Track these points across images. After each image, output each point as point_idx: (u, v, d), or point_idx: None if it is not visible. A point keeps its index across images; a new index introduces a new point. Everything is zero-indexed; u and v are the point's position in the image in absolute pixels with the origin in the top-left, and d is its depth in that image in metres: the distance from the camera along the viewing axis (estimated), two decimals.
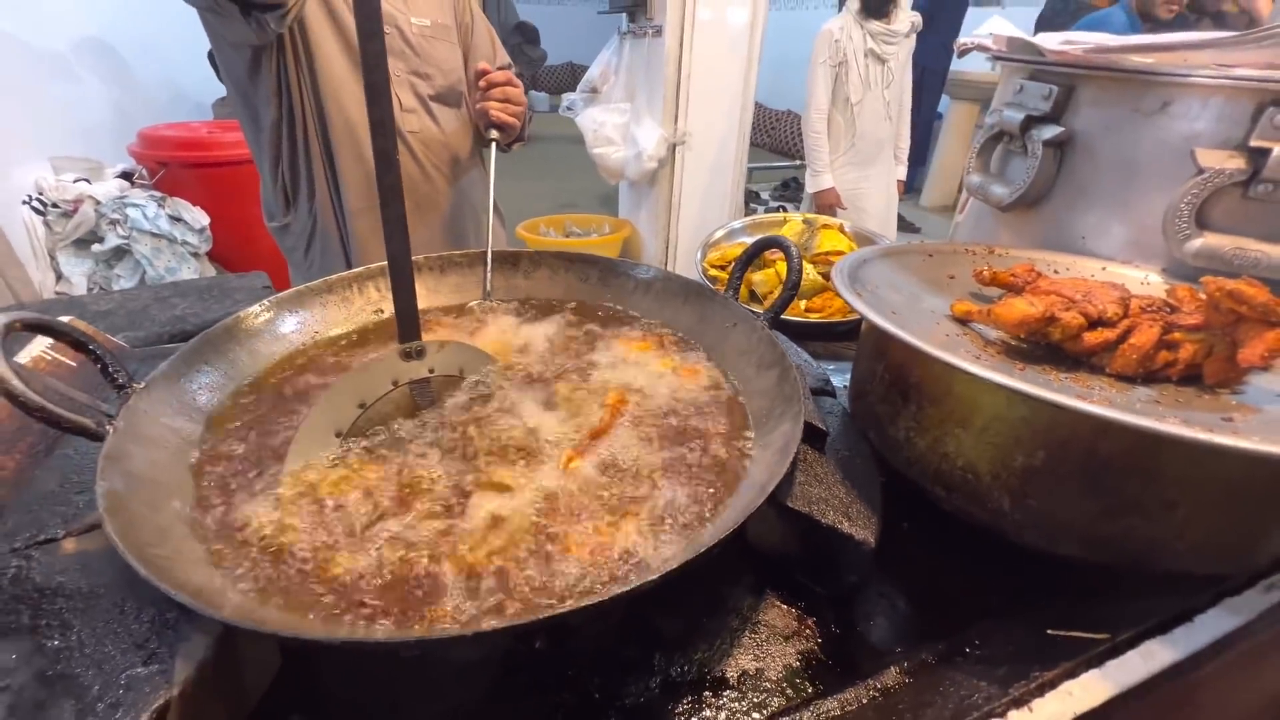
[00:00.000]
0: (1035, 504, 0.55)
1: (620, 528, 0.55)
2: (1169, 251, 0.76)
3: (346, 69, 1.29)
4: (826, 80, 2.84)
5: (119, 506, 0.49)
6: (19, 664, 0.42)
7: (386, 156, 0.60)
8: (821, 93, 2.86)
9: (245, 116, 1.34)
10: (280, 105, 1.29)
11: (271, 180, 1.39)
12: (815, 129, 2.92)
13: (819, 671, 0.53)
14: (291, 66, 1.25)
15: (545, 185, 5.78)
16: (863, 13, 2.78)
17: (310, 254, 1.46)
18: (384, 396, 0.68)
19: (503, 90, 1.31)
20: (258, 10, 1.10)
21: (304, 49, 1.25)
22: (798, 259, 0.77)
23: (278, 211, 1.43)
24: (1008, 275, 0.75)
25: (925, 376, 0.61)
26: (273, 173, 1.38)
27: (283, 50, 1.24)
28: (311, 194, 1.39)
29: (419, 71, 1.39)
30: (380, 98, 0.58)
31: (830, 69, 2.82)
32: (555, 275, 0.99)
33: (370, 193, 1.40)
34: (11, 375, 0.50)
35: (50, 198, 2.49)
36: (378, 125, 0.59)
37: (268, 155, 1.35)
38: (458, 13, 1.48)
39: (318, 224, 1.42)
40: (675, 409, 0.72)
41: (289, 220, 1.43)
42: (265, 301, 0.81)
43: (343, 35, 1.27)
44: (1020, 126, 0.89)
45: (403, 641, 0.41)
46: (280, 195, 1.40)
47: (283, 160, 1.35)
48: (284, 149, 1.34)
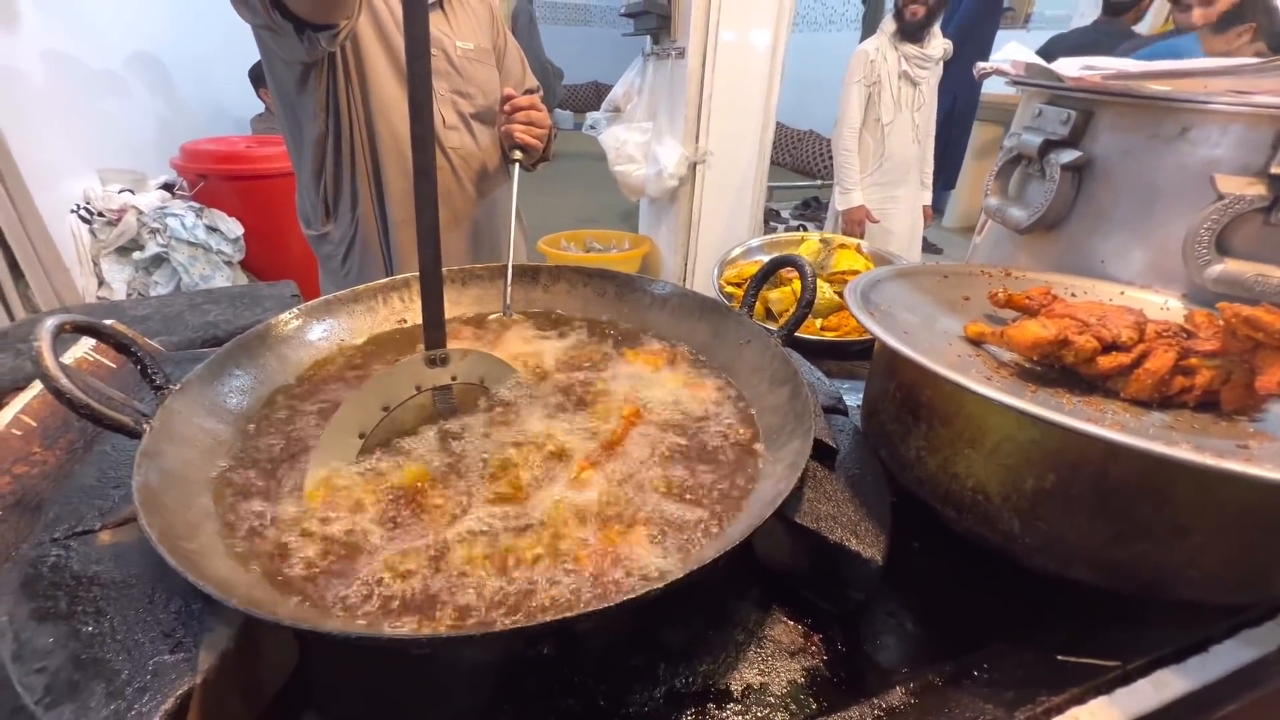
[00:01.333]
0: (1046, 527, 0.54)
1: (629, 538, 0.56)
2: (1189, 277, 0.76)
3: (397, 89, 1.36)
4: (860, 99, 2.89)
5: (152, 501, 0.52)
6: (55, 647, 0.44)
7: (425, 171, 0.63)
8: (854, 111, 2.90)
9: (289, 128, 1.41)
10: (328, 119, 1.35)
11: (313, 190, 1.45)
12: (847, 146, 2.95)
13: (824, 689, 0.53)
14: (342, 83, 1.32)
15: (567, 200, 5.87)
16: (899, 35, 2.83)
17: (348, 262, 1.52)
18: (407, 401, 0.70)
19: (527, 114, 1.36)
20: (311, 29, 1.16)
21: (356, 68, 1.32)
22: (812, 278, 0.78)
23: (316, 220, 1.49)
24: (1022, 298, 0.75)
25: (936, 396, 0.61)
26: (314, 183, 1.43)
27: (334, 68, 1.30)
28: (354, 204, 1.45)
29: (461, 91, 1.47)
30: (423, 114, 0.62)
31: (864, 88, 2.87)
32: (573, 289, 1.01)
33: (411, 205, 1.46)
34: (60, 374, 0.53)
35: (96, 207, 2.61)
36: (419, 140, 0.62)
37: (310, 166, 1.41)
38: (494, 38, 1.56)
39: (358, 234, 1.48)
40: (687, 423, 0.73)
41: (328, 229, 1.49)
42: (295, 310, 0.84)
43: (394, 56, 1.35)
44: (1038, 150, 0.90)
45: (413, 639, 0.42)
46: (320, 204, 1.46)
47: (326, 172, 1.41)
48: (328, 161, 1.40)
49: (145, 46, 3.43)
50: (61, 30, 2.79)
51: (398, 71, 1.35)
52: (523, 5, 6.10)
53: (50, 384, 0.53)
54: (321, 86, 1.31)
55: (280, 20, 1.14)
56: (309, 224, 1.52)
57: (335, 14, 1.16)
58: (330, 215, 1.48)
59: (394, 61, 1.35)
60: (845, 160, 2.96)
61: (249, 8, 1.14)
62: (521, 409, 0.74)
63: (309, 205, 1.49)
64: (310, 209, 1.49)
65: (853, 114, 2.91)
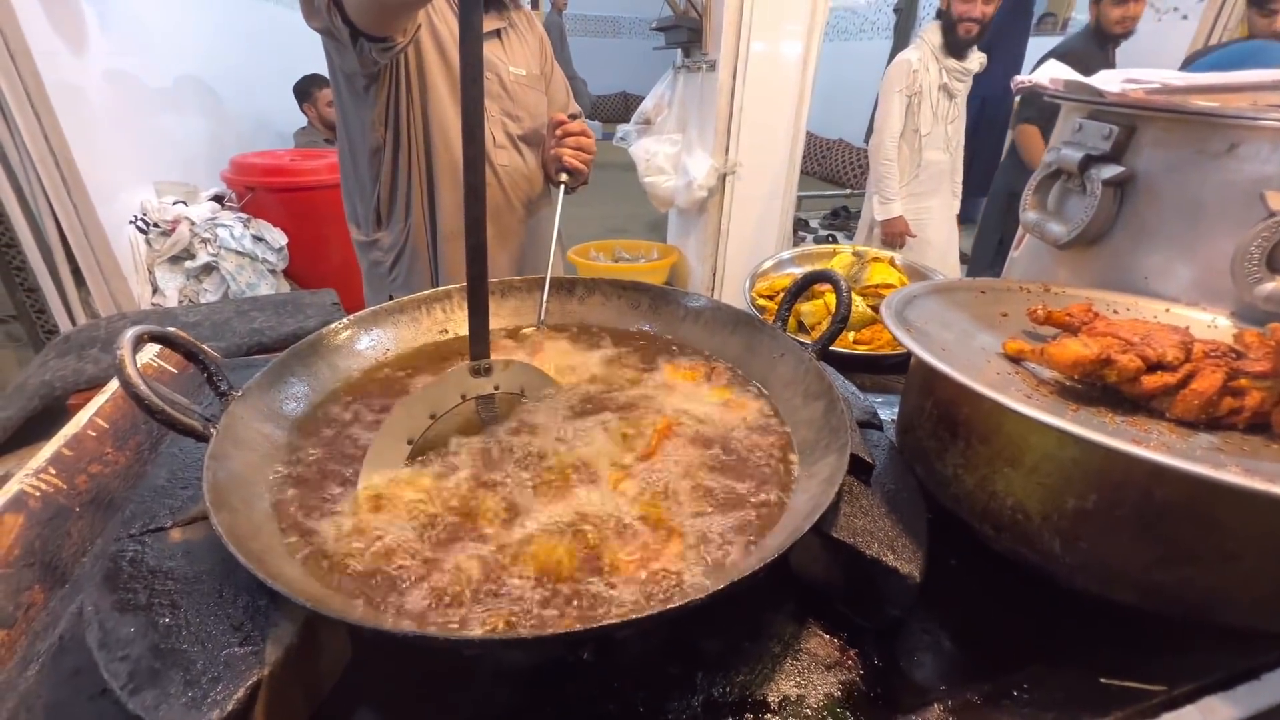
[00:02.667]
0: (1087, 547, 0.54)
1: (667, 548, 0.58)
2: (1238, 295, 0.74)
3: (453, 108, 1.43)
4: (900, 108, 2.87)
5: (221, 501, 0.55)
6: (136, 636, 0.47)
7: (475, 191, 0.66)
8: (895, 120, 2.88)
9: (348, 135, 1.48)
10: (386, 132, 1.42)
11: (369, 196, 1.52)
12: (887, 156, 2.93)
13: (860, 703, 0.54)
14: (404, 99, 1.39)
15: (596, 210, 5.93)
16: (945, 49, 2.82)
17: (396, 269, 1.58)
18: (453, 409, 0.73)
19: (577, 140, 1.42)
20: (365, 39, 1.22)
21: (418, 85, 1.39)
22: (847, 293, 0.79)
23: (368, 225, 1.56)
24: (1063, 315, 0.74)
25: (974, 413, 0.61)
26: (370, 191, 1.50)
27: (396, 83, 1.37)
28: (407, 214, 1.51)
29: (511, 114, 1.54)
30: (475, 137, 0.64)
31: (904, 98, 2.85)
32: (608, 301, 1.03)
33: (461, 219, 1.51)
34: (140, 381, 0.57)
35: (152, 218, 2.74)
36: (470, 162, 0.65)
37: (367, 174, 1.48)
38: (542, 64, 1.63)
39: (409, 242, 1.54)
40: (721, 436, 0.74)
41: (379, 235, 1.56)
42: (345, 320, 0.88)
43: (452, 76, 1.42)
44: (1079, 165, 0.89)
45: (465, 640, 0.45)
46: (373, 212, 1.53)
47: (381, 181, 1.48)
48: (384, 172, 1.47)
49: (197, 65, 3.60)
50: (123, 51, 2.95)
51: (455, 91, 1.42)
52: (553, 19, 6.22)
53: (131, 390, 0.57)
54: (382, 100, 1.38)
55: (339, 25, 1.20)
56: (359, 228, 1.59)
57: (389, 28, 1.22)
58: (382, 223, 1.54)
59: (452, 82, 1.42)
60: (887, 170, 2.94)
61: (313, 9, 1.21)
62: (559, 419, 0.76)
63: (360, 211, 1.56)
64: (362, 215, 1.56)
65: (894, 123, 2.89)
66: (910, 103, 2.86)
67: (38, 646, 0.58)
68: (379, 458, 0.67)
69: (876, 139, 2.98)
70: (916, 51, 2.86)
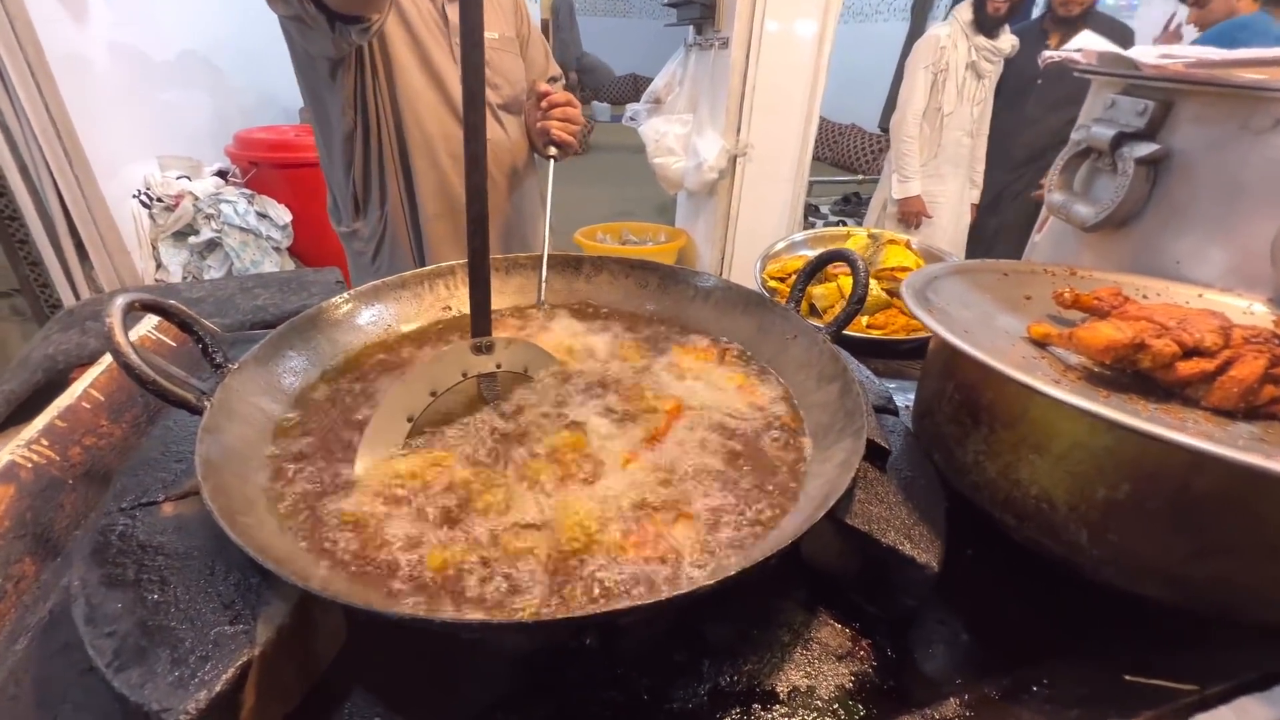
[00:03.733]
0: (1116, 539, 0.52)
1: (674, 531, 0.56)
2: (1278, 280, 0.71)
3: (423, 83, 1.36)
4: (926, 85, 2.80)
5: (213, 476, 0.53)
6: (124, 613, 0.46)
7: (476, 159, 0.63)
8: (919, 97, 2.82)
9: (319, 124, 1.42)
10: (356, 115, 1.35)
11: (343, 186, 1.46)
12: (908, 133, 2.86)
13: (873, 695, 0.52)
14: (369, 79, 1.32)
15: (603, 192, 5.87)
16: (974, 26, 2.74)
17: (379, 259, 1.53)
18: (453, 387, 0.70)
19: (563, 110, 1.35)
20: (342, 23, 1.17)
21: (383, 63, 1.32)
22: (865, 273, 0.76)
23: (347, 216, 1.50)
24: (1091, 299, 0.71)
25: (998, 398, 0.58)
26: (345, 179, 1.44)
27: (361, 64, 1.30)
28: (383, 200, 1.45)
29: (490, 82, 1.46)
30: (476, 103, 0.62)
31: (930, 74, 2.78)
32: (616, 280, 1.00)
33: (444, 198, 1.46)
34: (130, 350, 0.55)
35: (156, 193, 2.72)
36: (472, 129, 0.62)
37: (340, 162, 1.42)
38: (518, 26, 1.55)
39: (388, 229, 1.48)
40: (732, 418, 0.72)
41: (358, 225, 1.50)
42: (346, 294, 0.85)
43: (419, 49, 1.34)
44: (1110, 143, 0.85)
45: (463, 623, 0.43)
46: (350, 201, 1.47)
47: (355, 167, 1.42)
48: (357, 157, 1.41)
49: (202, 38, 3.55)
50: (126, 22, 2.91)
51: (422, 65, 1.35)
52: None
53: (121, 359, 0.55)
54: (349, 82, 1.31)
55: (313, 12, 1.13)
56: (339, 220, 1.53)
57: (368, 7, 1.16)
58: (360, 211, 1.48)
59: (419, 55, 1.35)
60: (907, 148, 2.87)
61: None
62: (564, 399, 0.74)
63: (339, 201, 1.50)
64: (340, 205, 1.50)
65: (917, 100, 2.82)
66: (936, 80, 2.78)
67: (28, 620, 0.57)
68: (378, 435, 0.65)
69: (899, 115, 2.90)
70: (947, 27, 2.78)
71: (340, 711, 0.49)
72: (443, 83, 1.37)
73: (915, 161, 2.89)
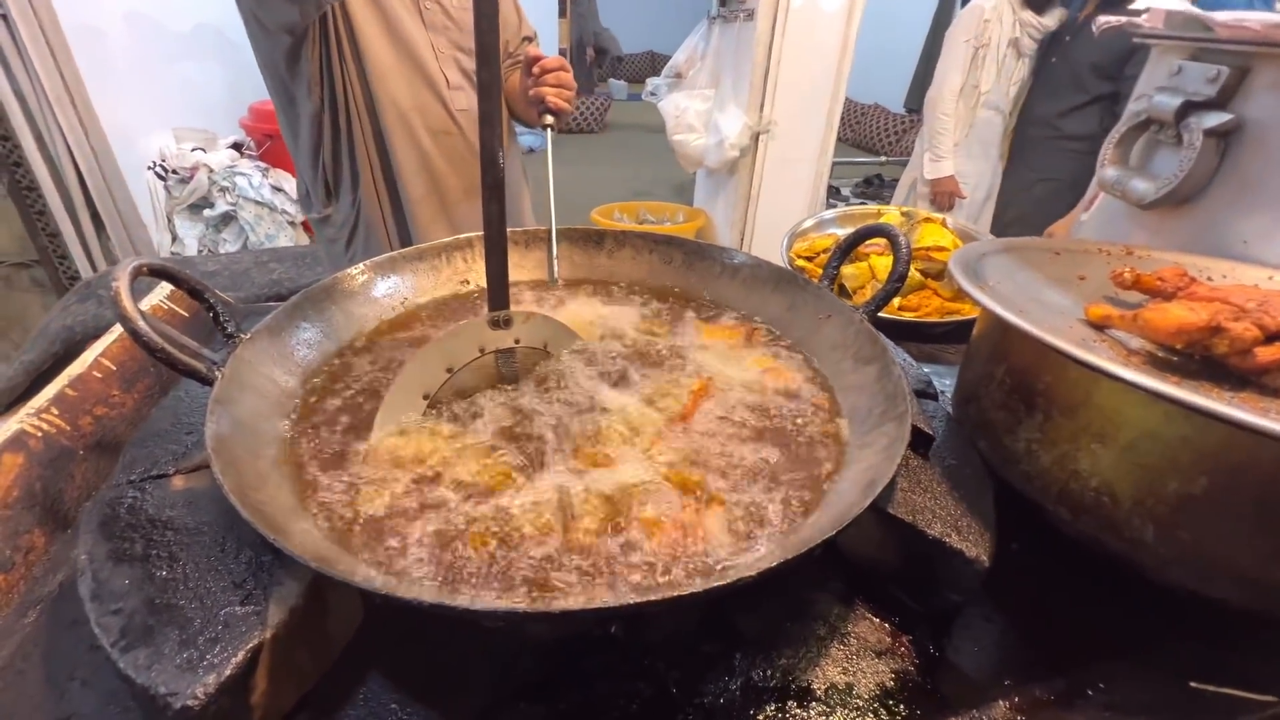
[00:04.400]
0: (1187, 537, 0.48)
1: (706, 517, 0.53)
2: None
3: (392, 55, 1.27)
4: (965, 60, 2.63)
5: (223, 448, 0.51)
6: (131, 589, 0.44)
7: (490, 120, 0.59)
8: (957, 72, 2.65)
9: (283, 106, 1.33)
10: (323, 94, 1.27)
11: (311, 171, 1.38)
12: (944, 110, 2.70)
13: (915, 695, 0.49)
14: (335, 55, 1.24)
15: (620, 172, 5.78)
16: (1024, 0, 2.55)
17: (352, 247, 1.44)
18: (470, 363, 0.67)
19: (557, 76, 1.27)
20: None
21: (348, 37, 1.23)
22: (906, 249, 0.71)
23: (318, 202, 1.42)
24: (1153, 279, 0.66)
25: (1057, 382, 0.54)
26: (312, 163, 1.37)
27: (326, 38, 1.22)
28: (355, 185, 1.37)
29: (463, 46, 1.36)
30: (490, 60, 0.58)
31: (971, 49, 2.60)
32: (639, 256, 0.97)
33: (428, 178, 1.38)
34: (137, 316, 0.53)
35: (171, 165, 2.70)
36: (485, 88, 0.58)
37: (307, 145, 1.34)
38: None
39: (362, 214, 1.40)
40: (762, 400, 0.68)
41: (330, 211, 1.42)
42: (362, 265, 0.82)
43: (385, 20, 1.25)
44: (1175, 113, 0.79)
45: (485, 612, 0.40)
46: (321, 185, 1.39)
47: (324, 150, 1.34)
48: (326, 139, 1.33)
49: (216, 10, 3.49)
50: None
51: (391, 35, 1.27)
52: None
53: (128, 325, 0.52)
54: (315, 59, 1.23)
55: None
56: (309, 207, 1.45)
57: None
58: (332, 196, 1.40)
59: (386, 24, 1.26)
60: (942, 125, 2.72)
61: None
62: (586, 377, 0.71)
63: (309, 187, 1.42)
64: (310, 190, 1.42)
65: (955, 75, 2.65)
66: (976, 55, 2.61)
67: (38, 592, 0.55)
68: (393, 412, 0.62)
69: (935, 90, 2.74)
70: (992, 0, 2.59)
71: (356, 696, 0.47)
72: (414, 52, 1.29)
73: (950, 140, 2.74)
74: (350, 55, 1.25)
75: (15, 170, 2.25)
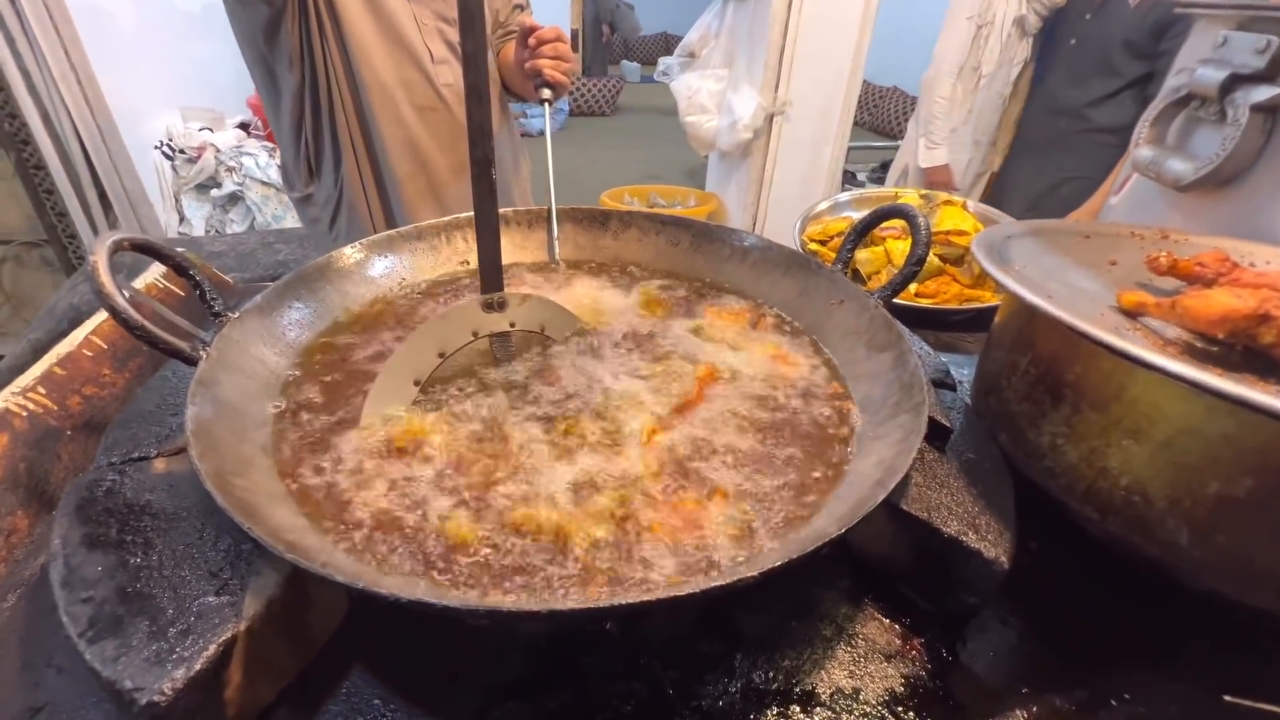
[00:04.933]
0: (1227, 541, 0.44)
1: (707, 511, 0.50)
2: None
3: (374, 29, 1.22)
4: (966, 39, 2.46)
5: (205, 431, 0.48)
6: (103, 576, 0.42)
7: (477, 92, 0.56)
8: (956, 51, 2.48)
9: (264, 82, 1.30)
10: (303, 70, 1.24)
11: (293, 149, 1.35)
12: (941, 93, 2.54)
13: (927, 701, 0.46)
14: (314, 28, 1.20)
15: (631, 156, 5.70)
16: None
17: (335, 226, 1.41)
18: (463, 348, 0.65)
19: (554, 47, 1.21)
20: None
21: (328, 9, 1.19)
22: (926, 231, 0.67)
23: (299, 181, 1.39)
24: (1192, 264, 0.62)
25: (1088, 373, 0.51)
26: (294, 141, 1.33)
27: (305, 12, 1.18)
28: (337, 162, 1.33)
29: (446, 17, 1.30)
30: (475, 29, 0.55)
31: (972, 26, 2.44)
32: (645, 237, 0.93)
33: (413, 156, 1.34)
34: (115, 292, 0.50)
35: (178, 144, 2.69)
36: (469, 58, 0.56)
37: (289, 123, 1.31)
38: None
39: (345, 193, 1.36)
40: (771, 388, 0.65)
41: (312, 190, 1.39)
42: (358, 244, 0.80)
43: None
44: (1219, 88, 0.74)
45: (469, 609, 0.37)
46: (303, 163, 1.36)
47: (305, 127, 1.30)
48: (307, 115, 1.29)
49: None
50: None
51: (370, 6, 1.22)
52: None
53: (105, 300, 0.50)
54: (294, 32, 1.19)
55: None
56: (292, 186, 1.42)
57: None
58: (314, 174, 1.36)
59: None
60: (938, 110, 2.55)
61: None
62: (585, 363, 0.68)
63: (291, 165, 1.38)
64: (292, 169, 1.38)
65: (953, 55, 2.49)
66: (979, 34, 2.44)
67: (19, 575, 0.54)
68: (383, 398, 0.59)
69: (932, 70, 2.57)
70: None
71: (337, 692, 0.45)
72: (395, 25, 1.24)
73: (946, 125, 2.57)
74: (330, 29, 1.21)
75: (23, 149, 2.25)
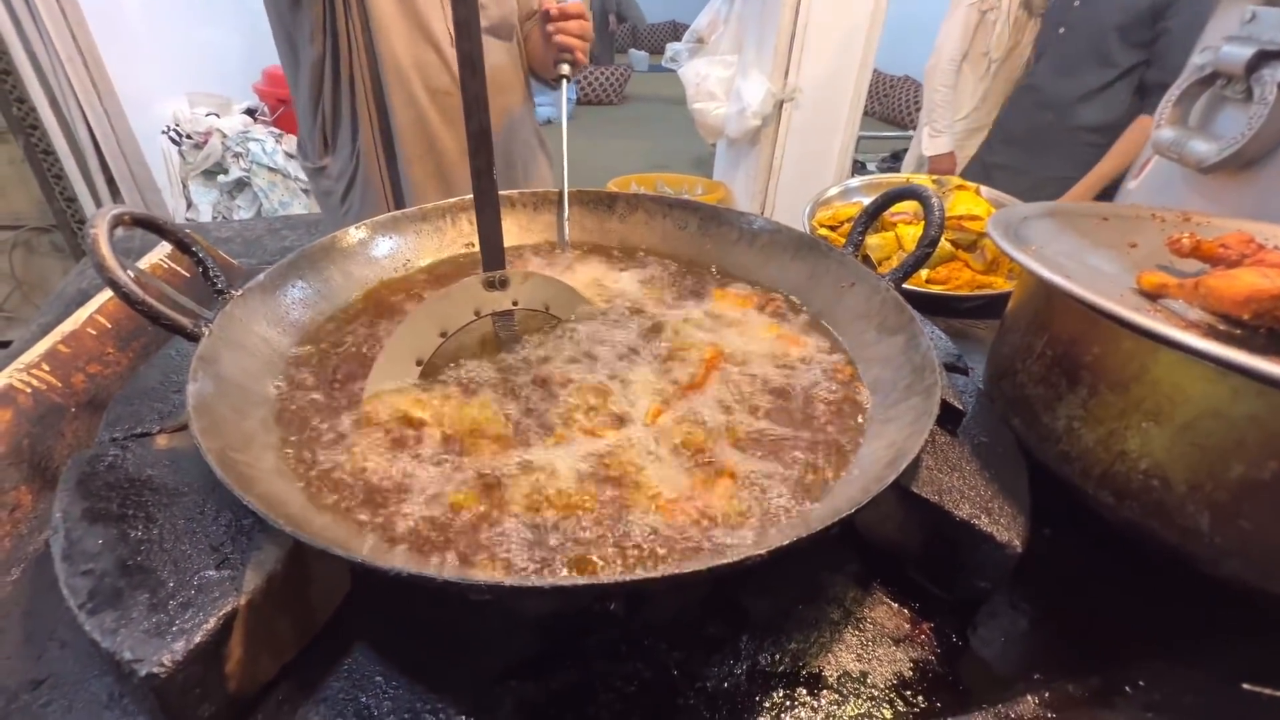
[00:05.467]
0: (1250, 527, 0.43)
1: (713, 491, 0.49)
2: None
3: (396, 9, 1.22)
4: (969, 23, 2.36)
5: (207, 408, 0.48)
6: (104, 550, 0.41)
7: (471, 62, 0.55)
8: (957, 38, 2.40)
9: (285, 51, 1.30)
10: (325, 42, 1.24)
11: (311, 119, 1.35)
12: (943, 80, 2.47)
13: (936, 686, 0.45)
14: (339, 4, 1.20)
15: (638, 145, 5.66)
16: None
17: (348, 200, 1.41)
18: (465, 327, 0.64)
19: (578, 24, 1.21)
20: None
21: None
22: (940, 212, 0.65)
23: (314, 152, 1.39)
24: (1215, 246, 0.60)
25: (1108, 354, 0.49)
26: (312, 110, 1.33)
27: None
28: (354, 136, 1.33)
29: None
30: None
31: (975, 12, 2.35)
32: (652, 220, 0.92)
33: (422, 138, 1.34)
34: (116, 265, 0.50)
35: (185, 129, 2.69)
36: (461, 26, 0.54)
37: (307, 93, 1.31)
38: None
39: (359, 169, 1.36)
40: (778, 369, 0.64)
41: (327, 161, 1.38)
42: (362, 224, 0.79)
43: None
44: (1246, 65, 0.72)
45: (471, 584, 0.37)
46: (319, 134, 1.36)
47: (324, 99, 1.30)
48: (326, 87, 1.29)
49: None
50: None
51: None
52: None
53: (106, 275, 0.49)
54: (318, 4, 1.19)
55: None
56: (306, 156, 1.42)
57: None
58: (329, 146, 1.36)
59: None
60: (941, 98, 2.49)
61: None
62: (591, 342, 0.67)
63: (306, 135, 1.38)
64: (308, 139, 1.38)
65: (955, 41, 2.40)
66: (984, 19, 2.34)
67: (23, 550, 0.54)
68: (384, 377, 0.59)
69: (934, 58, 2.50)
70: None
71: (339, 668, 0.45)
72: (418, 7, 1.24)
73: (949, 114, 2.50)
74: (355, 5, 1.20)
75: (31, 133, 2.25)
